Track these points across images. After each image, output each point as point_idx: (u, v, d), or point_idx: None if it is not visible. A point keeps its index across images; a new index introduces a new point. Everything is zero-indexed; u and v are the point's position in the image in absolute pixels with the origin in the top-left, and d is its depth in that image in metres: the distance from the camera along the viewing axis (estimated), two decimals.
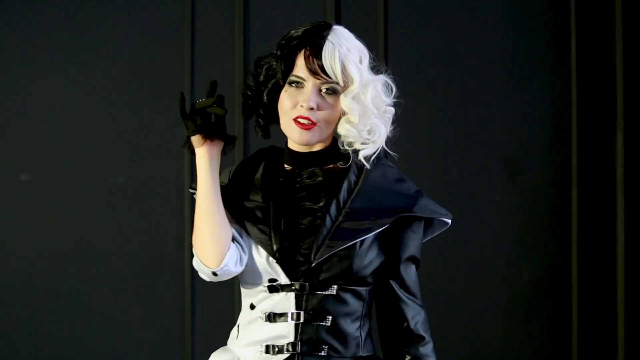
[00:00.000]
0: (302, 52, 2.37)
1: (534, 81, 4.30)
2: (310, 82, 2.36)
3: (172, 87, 4.33)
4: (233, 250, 2.36)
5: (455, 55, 4.32)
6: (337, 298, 2.36)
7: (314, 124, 2.36)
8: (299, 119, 2.36)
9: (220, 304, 4.31)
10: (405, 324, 2.45)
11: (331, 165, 2.44)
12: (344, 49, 2.36)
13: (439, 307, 4.25)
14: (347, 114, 2.37)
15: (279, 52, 2.40)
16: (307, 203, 2.39)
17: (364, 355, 2.42)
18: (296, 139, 2.39)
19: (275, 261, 2.35)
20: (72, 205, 4.32)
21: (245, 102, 2.48)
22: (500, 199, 4.29)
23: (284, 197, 2.40)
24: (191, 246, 2.46)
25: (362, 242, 2.36)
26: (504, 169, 4.30)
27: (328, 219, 2.36)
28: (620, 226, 4.21)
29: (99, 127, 4.34)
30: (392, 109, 2.43)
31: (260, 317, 2.39)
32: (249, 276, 2.41)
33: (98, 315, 4.32)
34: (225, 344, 2.56)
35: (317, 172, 2.42)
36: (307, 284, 2.35)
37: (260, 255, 2.37)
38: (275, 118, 2.45)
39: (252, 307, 2.42)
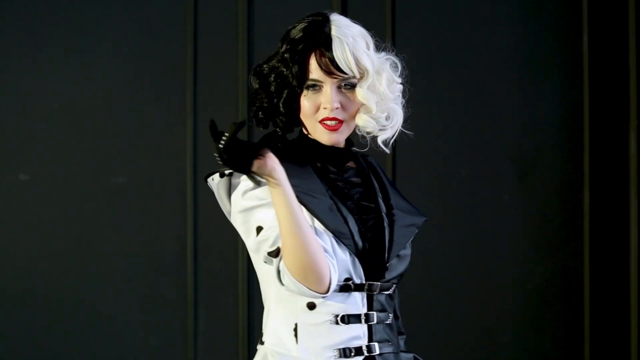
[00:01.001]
0: (312, 54, 2.37)
1: (546, 80, 4.28)
2: (328, 83, 2.36)
3: (174, 87, 4.33)
4: (330, 264, 2.30)
5: (464, 53, 4.31)
6: (391, 296, 2.41)
7: (340, 122, 2.37)
8: (325, 121, 2.37)
9: (224, 306, 4.28)
10: (398, 320, 2.52)
11: (351, 163, 2.48)
12: (351, 40, 2.36)
13: (448, 310, 4.27)
14: (364, 104, 2.38)
15: (287, 56, 2.39)
16: (364, 202, 2.40)
17: (405, 348, 2.49)
18: (326, 141, 2.39)
19: (358, 261, 2.33)
20: (72, 206, 4.32)
21: (260, 114, 2.44)
22: (511, 200, 4.28)
23: (343, 195, 2.39)
24: (194, 248, 2.40)
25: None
26: (514, 169, 4.28)
27: (385, 218, 2.39)
28: (634, 227, 4.19)
29: (99, 127, 4.34)
30: (401, 87, 2.45)
31: (330, 320, 2.33)
32: None
33: (98, 317, 4.32)
34: (227, 348, 2.50)
35: (358, 170, 2.44)
36: (379, 284, 2.36)
37: (344, 255, 2.33)
38: (293, 124, 2.43)
39: (312, 307, 2.34)
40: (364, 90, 2.36)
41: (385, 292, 2.37)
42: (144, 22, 4.35)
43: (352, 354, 2.32)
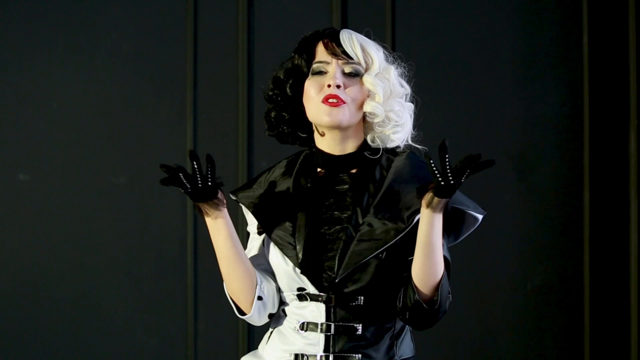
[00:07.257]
0: (320, 42, 2.41)
1: (545, 79, 4.27)
2: (333, 64, 2.38)
3: (174, 87, 4.31)
4: (260, 302, 2.40)
5: (464, 54, 4.30)
6: (365, 308, 2.36)
7: (342, 101, 2.36)
8: (328, 100, 2.36)
9: (224, 308, 4.27)
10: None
11: (354, 170, 2.44)
12: (360, 36, 2.41)
13: (448, 309, 4.24)
14: (372, 93, 2.38)
15: (297, 48, 2.44)
16: (336, 212, 2.39)
17: (398, 359, 2.41)
18: (327, 121, 2.37)
19: (300, 272, 2.36)
20: (72, 206, 4.31)
21: (271, 115, 2.47)
22: (511, 200, 4.27)
23: (314, 205, 2.40)
24: (194, 248, 2.42)
25: (387, 249, 2.35)
26: (514, 169, 4.28)
27: (350, 230, 2.36)
28: (634, 227, 4.18)
29: (99, 126, 4.33)
30: (409, 90, 2.45)
31: (294, 326, 2.40)
32: (281, 284, 2.42)
33: (99, 317, 4.31)
34: (227, 348, 2.55)
35: (344, 179, 2.41)
36: (334, 296, 2.35)
37: (287, 265, 2.38)
38: (299, 120, 2.45)
39: (284, 313, 2.43)
40: (372, 78, 2.37)
41: (350, 304, 2.34)
42: (144, 22, 4.35)
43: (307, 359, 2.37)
